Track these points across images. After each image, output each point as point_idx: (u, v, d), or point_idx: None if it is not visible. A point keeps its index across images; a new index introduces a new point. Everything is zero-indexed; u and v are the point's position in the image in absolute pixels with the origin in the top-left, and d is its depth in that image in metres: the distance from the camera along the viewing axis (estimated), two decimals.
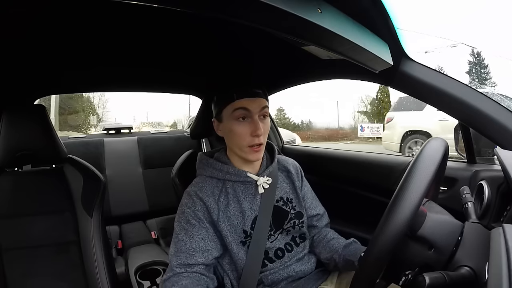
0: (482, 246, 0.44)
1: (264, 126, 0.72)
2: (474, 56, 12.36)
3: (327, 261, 0.80)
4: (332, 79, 1.02)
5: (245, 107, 0.70)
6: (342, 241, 0.81)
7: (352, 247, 0.77)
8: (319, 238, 0.85)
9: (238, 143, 0.72)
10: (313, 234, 0.86)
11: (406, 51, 0.70)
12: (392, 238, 0.43)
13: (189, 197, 0.73)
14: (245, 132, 0.71)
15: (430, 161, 0.46)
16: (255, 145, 0.71)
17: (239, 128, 0.71)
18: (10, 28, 0.72)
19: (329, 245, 0.80)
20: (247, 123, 0.71)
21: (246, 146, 0.71)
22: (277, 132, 1.63)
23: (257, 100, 0.72)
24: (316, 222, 0.85)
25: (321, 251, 0.82)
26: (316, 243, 0.84)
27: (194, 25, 0.84)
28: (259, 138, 0.70)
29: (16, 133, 0.86)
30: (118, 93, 22.77)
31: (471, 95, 0.65)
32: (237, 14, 0.38)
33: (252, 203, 0.75)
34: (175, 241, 0.70)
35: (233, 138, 0.73)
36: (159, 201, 1.73)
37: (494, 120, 0.62)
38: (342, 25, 0.49)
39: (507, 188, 0.60)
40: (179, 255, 0.68)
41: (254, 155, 0.72)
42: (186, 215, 0.71)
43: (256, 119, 0.71)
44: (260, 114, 0.72)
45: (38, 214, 0.90)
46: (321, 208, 0.89)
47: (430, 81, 0.68)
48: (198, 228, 0.70)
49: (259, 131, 0.70)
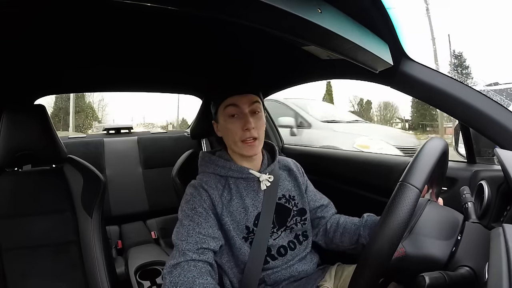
0: (482, 246, 0.44)
1: (257, 122, 0.74)
2: None
3: (352, 247, 0.78)
4: (332, 79, 1.02)
5: (234, 103, 0.73)
6: (358, 221, 0.79)
7: (370, 222, 0.76)
8: (332, 228, 0.83)
9: (232, 139, 0.74)
10: (323, 225, 0.85)
11: (406, 51, 0.70)
12: (391, 239, 0.43)
13: (194, 188, 0.73)
14: (237, 127, 0.73)
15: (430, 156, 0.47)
16: (247, 139, 0.72)
17: (231, 125, 0.73)
18: (10, 28, 0.72)
19: (347, 231, 0.79)
20: (237, 119, 0.73)
21: (239, 141, 0.73)
22: (277, 132, 1.63)
23: (247, 96, 0.74)
24: (322, 213, 0.85)
25: (342, 240, 0.79)
26: (332, 234, 0.82)
27: (194, 25, 0.84)
28: (251, 132, 0.72)
29: (16, 133, 0.86)
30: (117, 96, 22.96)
31: (471, 95, 0.65)
32: (237, 14, 0.38)
33: (255, 199, 0.76)
34: (181, 227, 0.67)
35: (228, 136, 0.75)
36: (159, 201, 1.73)
37: (494, 120, 0.62)
38: (342, 25, 0.49)
39: (507, 188, 0.60)
40: (188, 239, 0.64)
41: (249, 149, 0.73)
42: (192, 203, 0.70)
43: (246, 113, 0.73)
44: (250, 110, 0.74)
45: (38, 214, 0.89)
46: (325, 199, 0.89)
47: (430, 81, 0.68)
48: (206, 216, 0.69)
49: (249, 124, 0.71)
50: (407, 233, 0.51)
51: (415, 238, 0.51)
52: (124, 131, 2.00)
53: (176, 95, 3.41)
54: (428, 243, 0.50)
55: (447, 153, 0.56)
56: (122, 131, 1.99)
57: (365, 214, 0.79)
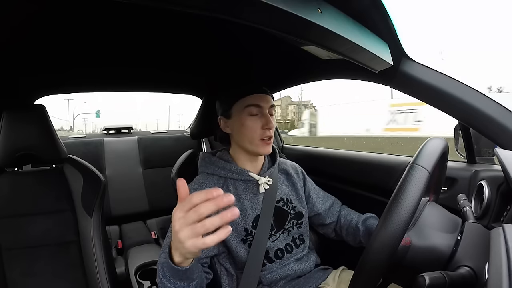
0: (482, 246, 0.44)
1: (273, 122, 0.76)
2: None
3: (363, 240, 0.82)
4: (332, 79, 1.02)
5: (257, 104, 0.75)
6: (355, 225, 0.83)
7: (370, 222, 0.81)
8: (341, 224, 0.87)
9: (250, 136, 0.75)
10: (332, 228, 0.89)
11: (406, 51, 0.70)
12: (391, 239, 0.43)
13: None
14: (257, 126, 0.74)
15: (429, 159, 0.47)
16: (266, 137, 0.74)
17: (251, 123, 0.75)
18: (10, 28, 0.72)
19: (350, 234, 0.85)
20: (258, 117, 0.75)
21: (258, 139, 0.75)
22: (277, 132, 1.63)
23: (267, 97, 0.77)
24: (330, 218, 0.88)
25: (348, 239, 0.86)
26: (346, 232, 0.86)
27: (194, 25, 0.84)
28: (270, 131, 0.75)
29: (16, 133, 0.86)
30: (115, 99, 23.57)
31: (471, 95, 0.65)
32: (237, 14, 0.38)
33: (253, 201, 0.76)
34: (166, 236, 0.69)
35: (244, 133, 0.76)
36: (159, 201, 1.73)
37: (494, 120, 0.62)
38: (342, 25, 0.49)
39: (507, 188, 0.60)
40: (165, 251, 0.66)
41: (266, 147, 0.75)
42: None
43: (267, 113, 0.75)
44: (269, 111, 0.76)
45: (38, 214, 0.89)
46: (330, 197, 0.92)
47: (430, 81, 0.68)
48: None
49: (271, 124, 0.74)
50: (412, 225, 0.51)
51: (420, 229, 0.51)
52: (124, 131, 2.00)
53: None
54: (434, 234, 0.51)
55: (447, 153, 0.56)
56: (122, 131, 1.99)
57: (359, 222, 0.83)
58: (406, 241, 0.50)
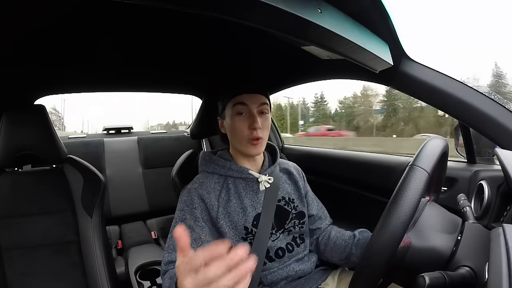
0: (482, 246, 0.44)
1: (263, 122, 0.74)
2: None
3: (342, 262, 0.79)
4: (332, 79, 1.02)
5: (243, 102, 0.73)
6: (348, 238, 0.78)
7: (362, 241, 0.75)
8: (323, 241, 0.83)
9: (238, 137, 0.74)
10: (317, 235, 0.85)
11: (406, 51, 0.70)
12: (390, 241, 0.43)
13: (188, 194, 0.74)
14: (243, 126, 0.73)
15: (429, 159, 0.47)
16: (253, 138, 0.73)
17: (238, 123, 0.74)
18: (10, 28, 0.72)
19: (337, 247, 0.79)
20: (245, 117, 0.74)
21: (245, 140, 0.73)
22: (277, 132, 1.63)
23: (256, 96, 0.74)
24: (316, 224, 0.85)
25: (332, 254, 0.80)
26: (323, 247, 0.83)
27: (194, 25, 0.84)
28: (257, 132, 0.72)
29: (16, 133, 0.86)
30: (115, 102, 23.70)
31: (471, 95, 0.65)
32: (237, 14, 0.38)
33: (254, 200, 0.76)
34: (170, 238, 0.71)
35: (233, 133, 0.75)
36: (159, 201, 1.73)
37: (494, 120, 0.62)
38: (342, 25, 0.49)
39: (507, 188, 0.60)
40: (168, 251, 0.68)
41: (253, 148, 0.74)
42: (184, 212, 0.72)
43: (254, 113, 0.73)
44: (258, 110, 0.74)
45: (38, 214, 0.89)
46: (322, 209, 0.89)
47: (430, 81, 0.68)
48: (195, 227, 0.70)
49: (256, 124, 0.72)
50: (411, 226, 0.51)
51: (419, 230, 0.51)
52: (124, 131, 2.00)
53: None
54: (433, 235, 0.51)
55: (447, 153, 0.56)
56: (122, 131, 1.99)
57: (356, 231, 0.79)
58: (405, 242, 0.49)
